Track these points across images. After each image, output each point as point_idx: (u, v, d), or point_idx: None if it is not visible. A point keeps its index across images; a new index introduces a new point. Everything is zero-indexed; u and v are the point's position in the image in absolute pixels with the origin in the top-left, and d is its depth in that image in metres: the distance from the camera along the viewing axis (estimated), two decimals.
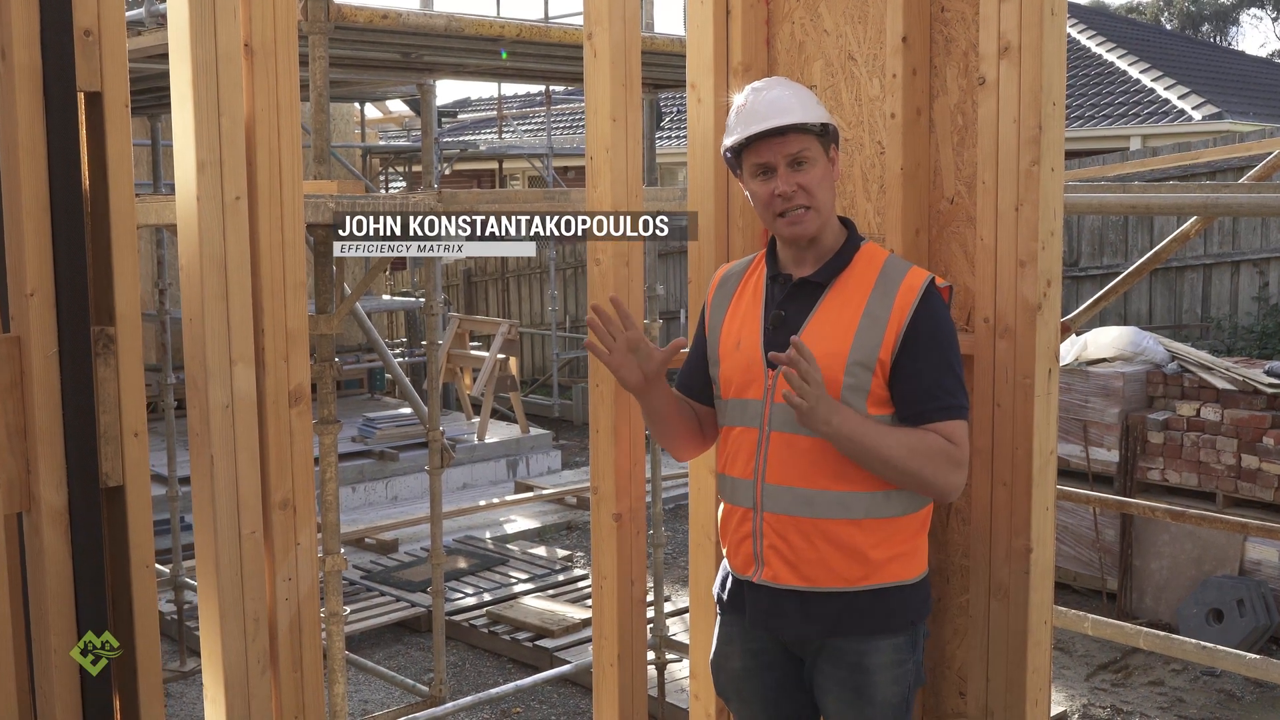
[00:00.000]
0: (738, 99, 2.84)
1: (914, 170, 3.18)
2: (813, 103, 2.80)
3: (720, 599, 2.96)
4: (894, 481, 2.67)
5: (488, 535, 9.88)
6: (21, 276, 2.40)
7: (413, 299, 13.91)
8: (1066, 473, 8.09)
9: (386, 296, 14.29)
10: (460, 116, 22.36)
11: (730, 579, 2.89)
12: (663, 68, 5.78)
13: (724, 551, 2.92)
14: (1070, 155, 12.99)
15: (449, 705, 5.93)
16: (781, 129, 2.70)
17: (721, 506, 2.90)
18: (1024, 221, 2.95)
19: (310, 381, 2.80)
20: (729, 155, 2.84)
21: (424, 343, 6.27)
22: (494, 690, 6.18)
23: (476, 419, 12.36)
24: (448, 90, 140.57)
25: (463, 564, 9.07)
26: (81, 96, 2.45)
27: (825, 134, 2.77)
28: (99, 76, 2.44)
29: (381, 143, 15.47)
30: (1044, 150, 2.92)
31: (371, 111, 16.07)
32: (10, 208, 2.40)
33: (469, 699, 6.04)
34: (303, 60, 4.01)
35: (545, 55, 5.32)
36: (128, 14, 5.17)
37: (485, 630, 7.73)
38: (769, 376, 2.73)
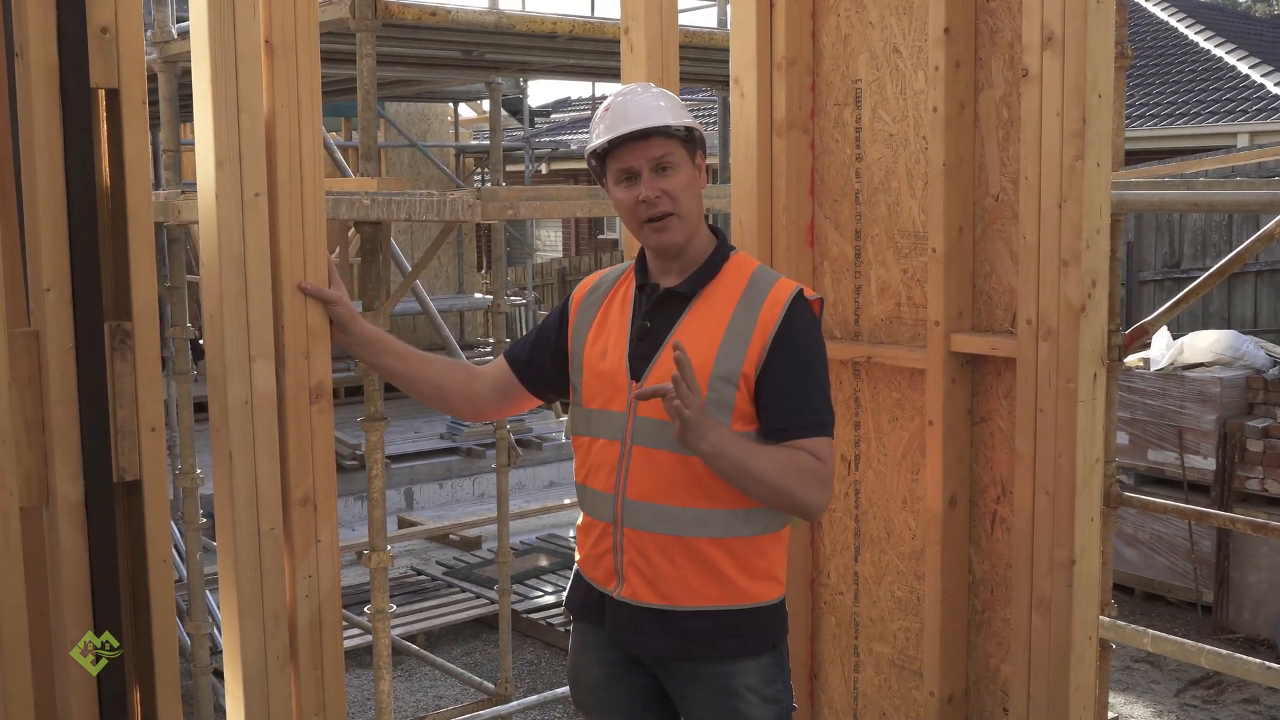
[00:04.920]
0: (603, 104, 2.73)
1: (957, 166, 3.08)
2: (678, 107, 2.69)
3: (573, 606, 2.87)
4: (762, 500, 2.57)
5: (571, 533, 9.90)
6: (39, 271, 2.42)
7: (513, 297, 13.99)
8: (1161, 481, 7.85)
9: (479, 295, 14.39)
10: (556, 116, 22.45)
11: (588, 589, 2.80)
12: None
13: (577, 559, 2.84)
14: (1173, 153, 12.61)
15: (514, 704, 5.93)
16: (644, 132, 2.59)
17: (581, 516, 2.82)
18: (1067, 219, 2.84)
19: (331, 379, 2.78)
20: (593, 162, 2.73)
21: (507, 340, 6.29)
22: (561, 689, 6.16)
23: (565, 417, 12.39)
24: (547, 90, 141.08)
25: (543, 562, 9.09)
26: (101, 94, 2.46)
27: (691, 140, 2.65)
28: (116, 74, 2.44)
29: (474, 142, 15.58)
30: (1088, 144, 2.80)
31: (466, 111, 16.21)
32: (29, 204, 2.42)
33: (535, 698, 6.04)
34: (352, 58, 4.03)
35: (607, 51, 5.27)
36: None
37: (562, 629, 7.72)
38: (633, 389, 2.63)
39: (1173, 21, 17.66)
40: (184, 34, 5.29)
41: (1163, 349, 8.05)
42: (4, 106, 2.52)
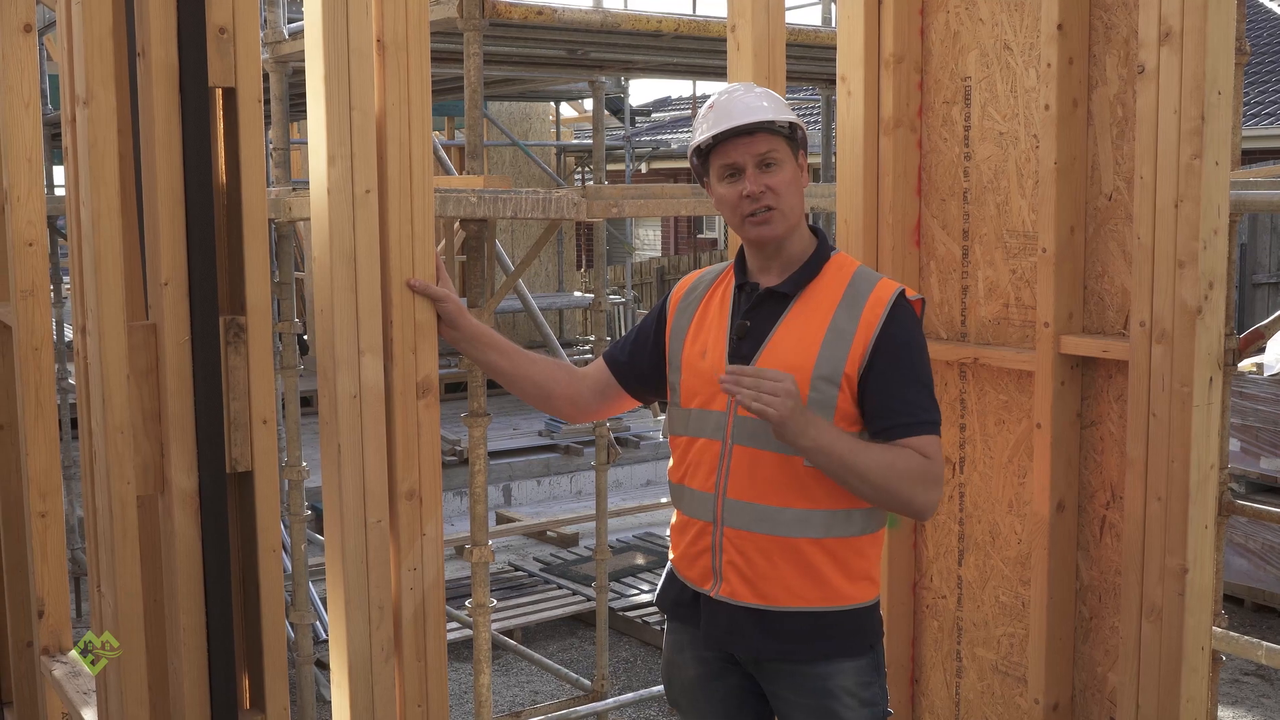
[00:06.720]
0: (706, 103, 2.74)
1: (1069, 165, 3.03)
2: (781, 105, 2.69)
3: (665, 605, 2.87)
4: (869, 499, 2.54)
5: (667, 532, 9.90)
6: (157, 266, 2.48)
7: (612, 296, 14.04)
8: (1274, 490, 7.65)
9: (578, 293, 14.46)
10: (657, 115, 22.47)
11: (681, 588, 2.80)
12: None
13: (671, 558, 2.83)
14: None
15: (610, 701, 5.95)
16: (749, 128, 2.59)
17: (675, 515, 2.82)
18: (1184, 219, 2.77)
19: (438, 374, 2.81)
20: (696, 160, 2.74)
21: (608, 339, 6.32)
22: (656, 687, 6.17)
23: (663, 415, 12.41)
24: (647, 89, 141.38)
25: (640, 560, 9.11)
26: (219, 93, 2.52)
27: (793, 137, 2.64)
28: (233, 73, 2.49)
29: (575, 141, 15.67)
30: (1207, 143, 2.73)
31: (567, 111, 16.30)
32: (148, 201, 2.49)
33: (630, 695, 6.05)
34: (459, 57, 4.07)
35: (710, 50, 5.26)
36: None
37: (658, 627, 7.73)
38: None
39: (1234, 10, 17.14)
40: (295, 34, 5.40)
41: (1277, 354, 7.84)
42: (125, 105, 2.59)
